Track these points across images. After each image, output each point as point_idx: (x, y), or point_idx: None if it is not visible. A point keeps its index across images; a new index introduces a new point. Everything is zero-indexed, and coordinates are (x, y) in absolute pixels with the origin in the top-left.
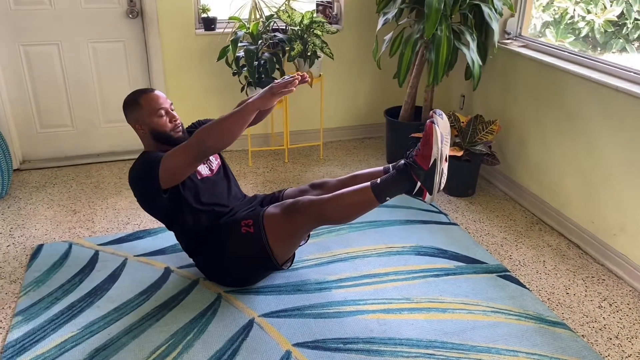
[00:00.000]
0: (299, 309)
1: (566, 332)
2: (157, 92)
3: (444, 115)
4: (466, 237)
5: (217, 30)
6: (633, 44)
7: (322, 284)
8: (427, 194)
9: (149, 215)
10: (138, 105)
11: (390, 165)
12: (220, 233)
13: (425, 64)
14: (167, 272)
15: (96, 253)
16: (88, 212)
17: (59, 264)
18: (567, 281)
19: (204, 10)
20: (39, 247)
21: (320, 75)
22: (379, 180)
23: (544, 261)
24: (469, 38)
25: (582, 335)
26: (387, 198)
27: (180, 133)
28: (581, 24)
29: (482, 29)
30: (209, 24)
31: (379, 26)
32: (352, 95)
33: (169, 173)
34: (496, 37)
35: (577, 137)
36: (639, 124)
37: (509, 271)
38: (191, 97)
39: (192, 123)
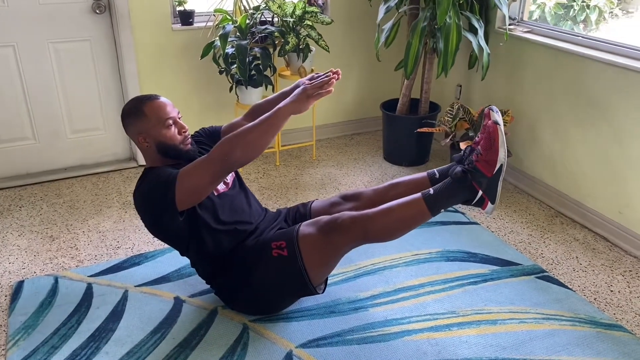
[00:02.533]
0: (339, 334)
1: (625, 335)
2: (162, 99)
3: (499, 112)
4: (491, 236)
5: (195, 25)
6: (579, 25)
7: (356, 302)
8: (489, 203)
9: (141, 236)
10: (142, 114)
11: (436, 170)
12: (247, 256)
13: (426, 54)
14: (179, 302)
15: (89, 286)
16: (68, 237)
17: (47, 303)
18: (607, 277)
19: (180, 2)
20: (19, 285)
21: (312, 70)
22: (431, 190)
23: (577, 257)
24: (476, 25)
25: None
26: (442, 210)
27: (190, 145)
28: (533, 7)
29: (483, 15)
30: (186, 17)
31: (381, 15)
32: (342, 89)
33: (187, 193)
34: (507, 21)
35: (600, 124)
36: None
37: (546, 271)
38: (170, 99)
39: (197, 132)
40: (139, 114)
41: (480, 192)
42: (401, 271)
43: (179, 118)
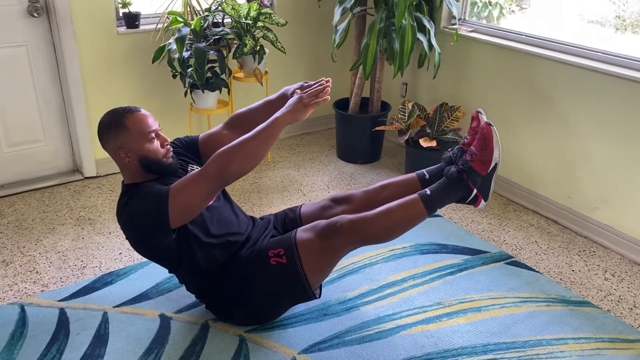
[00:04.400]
0: (338, 336)
1: (594, 310)
2: (143, 111)
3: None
4: (456, 227)
5: (142, 28)
6: (483, 21)
7: (346, 302)
8: (482, 200)
9: (105, 253)
10: (123, 128)
11: (425, 171)
12: (242, 267)
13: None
14: (165, 320)
15: (62, 312)
16: (24, 260)
17: (19, 334)
18: (566, 258)
19: (124, 4)
20: None
21: (266, 72)
22: (428, 190)
23: (536, 241)
24: (427, 25)
25: (608, 310)
26: (438, 209)
27: (171, 159)
28: None
29: (431, 15)
30: (132, 20)
31: (337, 16)
32: None
33: (182, 210)
34: (456, 21)
35: (548, 117)
36: (617, 102)
37: (512, 257)
38: (119, 106)
39: (172, 142)
40: (119, 127)
41: (475, 191)
42: (382, 267)
43: (160, 130)
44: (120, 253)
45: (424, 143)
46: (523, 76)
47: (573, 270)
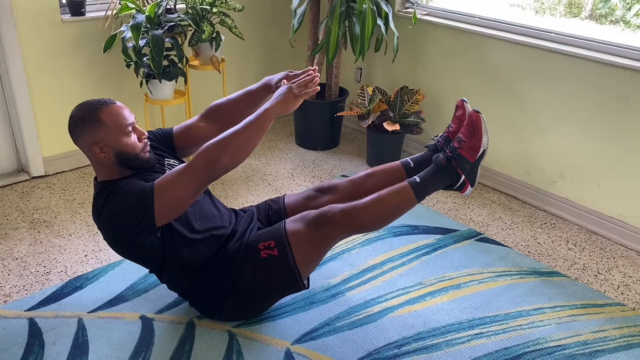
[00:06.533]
0: (328, 323)
1: (564, 280)
2: (118, 103)
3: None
4: (423, 208)
5: (88, 15)
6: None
7: (331, 289)
8: (469, 186)
9: (69, 256)
10: (98, 122)
11: (410, 159)
12: (232, 262)
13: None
14: (147, 321)
15: (32, 322)
16: None
17: None
18: (530, 232)
19: None
20: None
21: (223, 59)
22: (417, 178)
23: (500, 217)
24: (385, 8)
25: (576, 279)
26: (426, 196)
27: (149, 153)
28: None
29: None
30: (77, 7)
31: (297, 1)
32: (243, 77)
33: (168, 207)
34: (413, 3)
35: (504, 97)
36: (568, 80)
37: (481, 233)
38: (67, 99)
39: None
40: (94, 121)
41: (463, 177)
42: (360, 252)
43: (136, 123)
44: (86, 255)
45: (388, 127)
46: (477, 57)
47: (538, 243)
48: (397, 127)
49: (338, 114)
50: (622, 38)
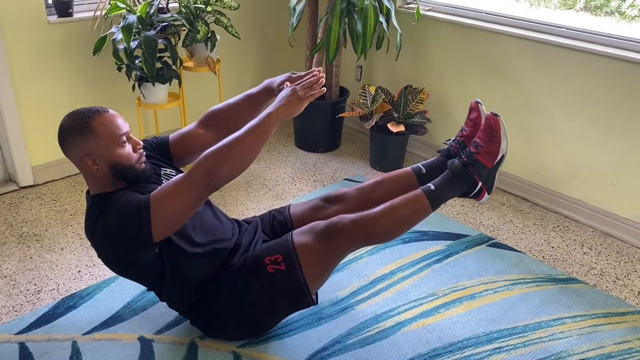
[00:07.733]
0: (338, 341)
1: (582, 287)
2: (112, 111)
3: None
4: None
5: (76, 16)
6: None
7: (340, 303)
8: (486, 194)
9: (61, 273)
10: (90, 132)
11: (421, 165)
12: (237, 277)
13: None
14: (146, 343)
15: (22, 346)
16: None
17: None
18: (543, 235)
19: None
20: None
21: (218, 59)
22: (432, 185)
23: (511, 220)
24: (388, 5)
25: (594, 285)
26: (442, 204)
27: (144, 164)
28: None
29: None
30: (64, 8)
31: None
32: (240, 78)
33: (166, 222)
34: (417, 0)
35: (512, 94)
36: (578, 76)
37: (493, 238)
38: (56, 104)
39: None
40: (85, 131)
41: (480, 184)
42: (368, 261)
43: (130, 132)
44: (79, 271)
45: (392, 128)
46: (483, 54)
47: (552, 247)
48: (402, 128)
49: (340, 115)
50: (635, 31)
